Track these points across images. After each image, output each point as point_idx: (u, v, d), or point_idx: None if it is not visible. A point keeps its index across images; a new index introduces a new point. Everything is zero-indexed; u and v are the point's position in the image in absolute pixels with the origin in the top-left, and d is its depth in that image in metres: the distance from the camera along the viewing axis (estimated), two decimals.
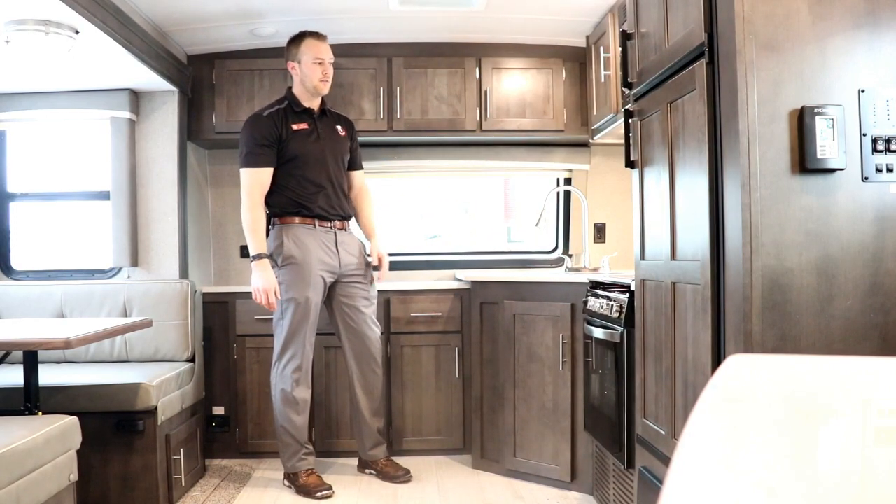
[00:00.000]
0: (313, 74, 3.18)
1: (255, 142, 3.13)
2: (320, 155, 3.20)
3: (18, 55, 2.91)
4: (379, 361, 3.31)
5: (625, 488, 2.61)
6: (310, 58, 3.17)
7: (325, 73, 3.19)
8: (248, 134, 3.16)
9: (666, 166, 2.12)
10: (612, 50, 3.32)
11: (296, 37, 3.22)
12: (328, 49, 3.23)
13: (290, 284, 3.13)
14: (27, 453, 1.98)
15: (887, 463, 0.70)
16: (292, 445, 3.19)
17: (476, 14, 3.53)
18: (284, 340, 3.16)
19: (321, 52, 3.19)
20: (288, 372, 3.16)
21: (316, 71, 3.17)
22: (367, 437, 3.34)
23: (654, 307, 2.24)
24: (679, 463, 0.67)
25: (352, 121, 3.46)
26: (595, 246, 4.21)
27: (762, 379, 1.03)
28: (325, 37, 3.24)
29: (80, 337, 2.25)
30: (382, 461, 3.32)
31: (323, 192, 3.20)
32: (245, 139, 3.17)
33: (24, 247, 3.84)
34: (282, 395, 3.18)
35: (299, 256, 3.13)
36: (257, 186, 3.13)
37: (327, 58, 3.20)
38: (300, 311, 3.13)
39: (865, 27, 1.69)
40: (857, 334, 1.68)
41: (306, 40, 3.19)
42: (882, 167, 1.69)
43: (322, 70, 3.18)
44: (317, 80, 3.18)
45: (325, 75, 3.19)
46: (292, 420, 3.18)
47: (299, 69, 3.20)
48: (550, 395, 3.18)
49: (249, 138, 3.15)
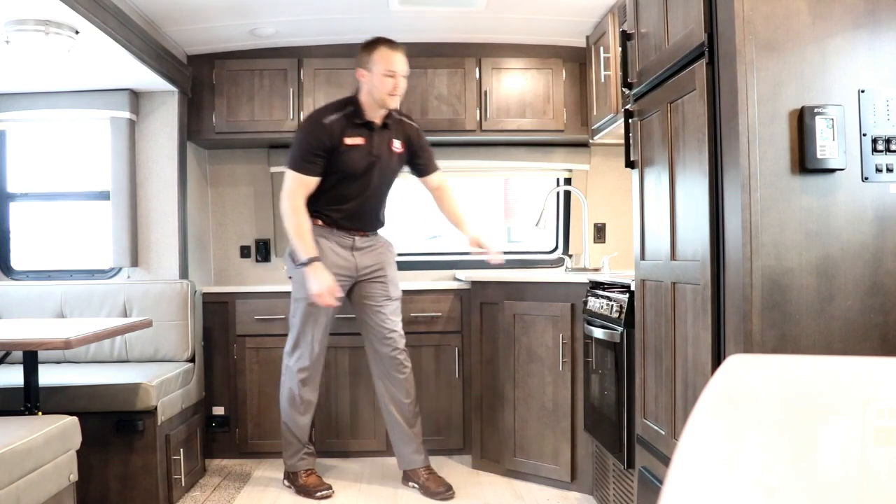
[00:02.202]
0: (382, 87, 2.99)
1: (309, 149, 3.01)
2: (364, 175, 3.09)
3: (18, 55, 2.91)
4: (402, 361, 3.19)
5: (625, 488, 2.61)
6: (381, 68, 2.98)
7: (396, 86, 3.01)
8: (304, 138, 3.04)
9: (666, 166, 2.12)
10: (612, 50, 3.32)
11: (369, 43, 3.04)
12: (403, 60, 3.03)
13: (303, 284, 3.10)
14: (27, 453, 1.98)
15: (887, 463, 0.70)
16: (294, 444, 3.19)
17: (476, 14, 3.53)
18: (295, 339, 3.15)
19: (394, 64, 2.99)
20: (295, 370, 3.15)
21: (386, 83, 2.99)
22: (399, 444, 3.22)
23: (654, 307, 2.24)
24: (679, 463, 0.67)
25: (417, 127, 3.27)
26: (595, 246, 4.21)
27: (762, 379, 1.03)
28: (401, 46, 3.04)
29: (80, 337, 2.25)
30: (424, 474, 3.17)
31: (351, 207, 3.11)
32: (299, 141, 3.05)
33: (24, 247, 3.84)
34: (288, 393, 3.17)
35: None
36: (301, 189, 3.02)
37: (400, 70, 3.01)
38: (310, 312, 3.10)
39: (865, 27, 1.69)
40: (857, 334, 1.68)
41: (379, 48, 3.00)
42: (882, 167, 1.69)
43: (393, 83, 2.99)
44: (385, 94, 3.00)
45: (394, 89, 3.00)
46: (295, 419, 3.17)
47: (368, 78, 3.01)
48: (550, 395, 3.18)
49: (304, 143, 3.02)
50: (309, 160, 3.01)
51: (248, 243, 4.21)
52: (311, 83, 3.82)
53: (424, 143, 3.27)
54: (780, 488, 0.61)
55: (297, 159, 3.03)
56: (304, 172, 3.02)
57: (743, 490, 0.61)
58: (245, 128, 3.83)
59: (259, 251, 4.20)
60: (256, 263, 4.21)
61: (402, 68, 3.03)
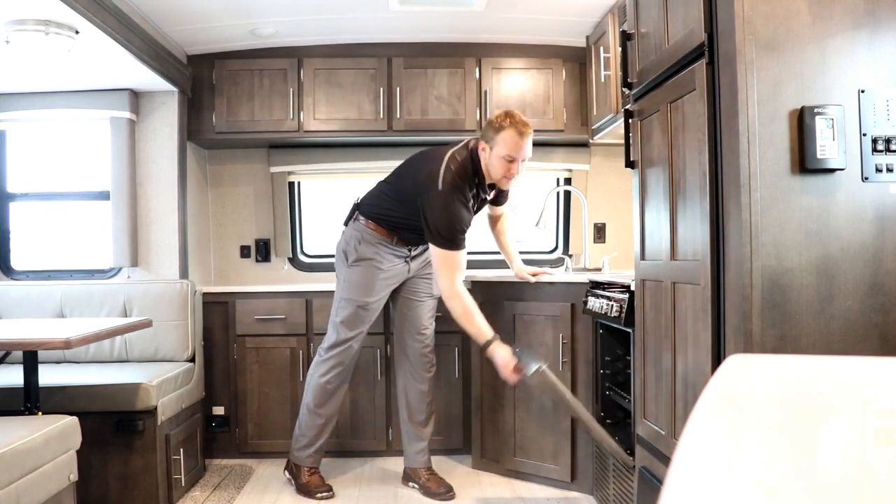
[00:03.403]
0: (499, 169, 2.89)
1: (463, 227, 2.89)
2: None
3: (18, 55, 2.91)
4: (431, 360, 3.22)
5: (625, 488, 2.61)
6: (504, 151, 2.85)
7: (511, 172, 2.89)
8: (454, 223, 2.87)
9: (666, 166, 2.12)
10: (612, 50, 3.32)
11: (501, 119, 2.88)
12: (528, 147, 2.89)
13: (355, 286, 3.08)
14: (27, 453, 1.98)
15: (887, 463, 0.70)
16: (306, 437, 3.17)
17: (476, 14, 3.53)
18: (335, 338, 3.12)
19: (517, 151, 2.85)
20: (329, 367, 3.12)
21: (504, 167, 2.88)
22: (408, 441, 3.24)
23: (654, 307, 2.24)
24: (679, 463, 0.67)
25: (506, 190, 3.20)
26: (595, 246, 4.21)
27: (762, 379, 1.03)
28: (529, 129, 2.88)
29: (80, 337, 2.25)
30: (425, 474, 3.18)
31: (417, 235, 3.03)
32: (448, 227, 2.86)
33: (24, 247, 3.84)
34: (315, 387, 3.14)
35: (372, 262, 3.07)
36: (458, 272, 2.91)
37: (521, 157, 2.87)
38: (357, 314, 3.09)
39: (865, 27, 1.69)
40: (857, 334, 1.68)
41: (507, 131, 2.85)
42: (882, 167, 1.69)
43: (510, 169, 2.88)
44: (499, 176, 2.91)
45: (509, 174, 2.90)
46: (316, 412, 3.14)
47: (488, 155, 2.89)
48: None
49: (457, 227, 2.87)
50: (461, 239, 2.91)
51: (248, 243, 4.21)
52: (311, 83, 3.82)
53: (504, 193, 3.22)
54: (780, 488, 0.61)
55: (450, 240, 2.87)
56: (458, 248, 2.90)
57: (743, 490, 0.61)
58: (245, 128, 3.83)
59: (259, 251, 4.20)
60: (256, 263, 4.21)
61: (525, 155, 2.90)
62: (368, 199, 3.15)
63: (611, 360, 2.94)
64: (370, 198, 3.16)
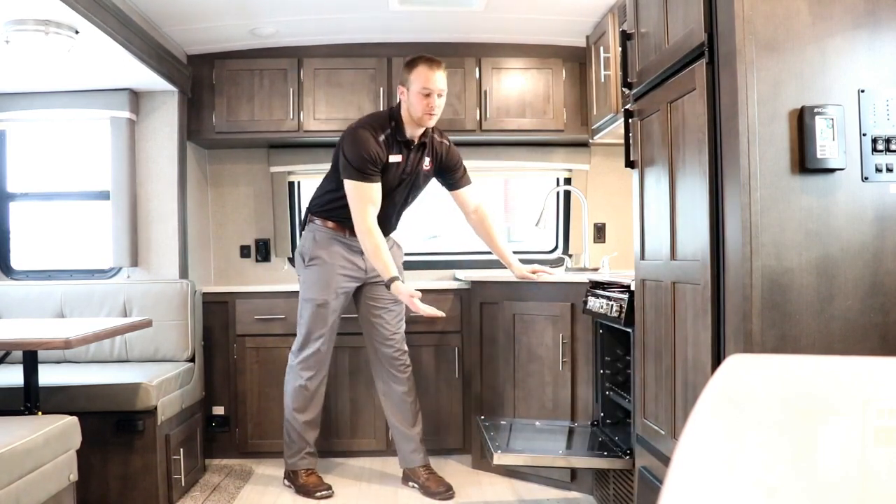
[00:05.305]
0: (418, 106, 2.94)
1: (370, 159, 2.93)
2: (393, 191, 3.06)
3: (18, 55, 2.91)
4: (404, 361, 3.22)
5: (625, 488, 2.61)
6: (418, 86, 2.92)
7: (431, 106, 2.94)
8: (362, 149, 2.93)
9: (666, 166, 2.12)
10: (612, 50, 3.32)
11: (410, 60, 3.00)
12: (441, 79, 2.96)
13: (311, 285, 3.11)
14: (27, 453, 1.98)
15: (887, 463, 0.70)
16: (296, 443, 3.19)
17: (476, 14, 3.53)
18: (303, 339, 3.15)
19: (430, 83, 2.92)
20: (301, 369, 3.15)
21: (422, 102, 2.93)
22: (399, 442, 3.25)
23: (654, 307, 2.24)
24: (679, 463, 0.67)
25: (448, 145, 3.21)
26: (595, 246, 4.21)
27: (762, 379, 1.03)
28: (440, 63, 2.98)
29: (80, 337, 2.25)
30: (424, 473, 3.18)
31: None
32: (357, 153, 2.93)
33: (24, 247, 3.84)
34: (293, 391, 3.18)
35: (325, 259, 3.10)
36: (371, 207, 2.94)
37: (436, 89, 2.94)
38: (318, 313, 3.11)
39: (865, 27, 1.69)
40: (857, 334, 1.68)
41: (418, 66, 2.95)
42: (882, 167, 1.69)
43: (428, 103, 2.94)
44: (421, 113, 2.95)
45: (430, 108, 2.94)
46: (298, 418, 3.17)
47: (407, 96, 2.97)
48: (550, 395, 3.18)
49: (363, 154, 2.92)
50: (369, 171, 2.94)
51: (248, 243, 4.21)
52: (311, 83, 3.82)
53: (453, 162, 3.21)
54: (780, 488, 0.61)
55: (359, 169, 2.93)
56: (368, 180, 2.93)
57: (743, 490, 0.61)
58: (245, 128, 3.83)
59: (259, 251, 4.20)
60: (256, 263, 4.21)
61: (440, 86, 2.96)
62: (315, 198, 3.21)
63: (611, 360, 2.94)
64: (316, 196, 3.21)
